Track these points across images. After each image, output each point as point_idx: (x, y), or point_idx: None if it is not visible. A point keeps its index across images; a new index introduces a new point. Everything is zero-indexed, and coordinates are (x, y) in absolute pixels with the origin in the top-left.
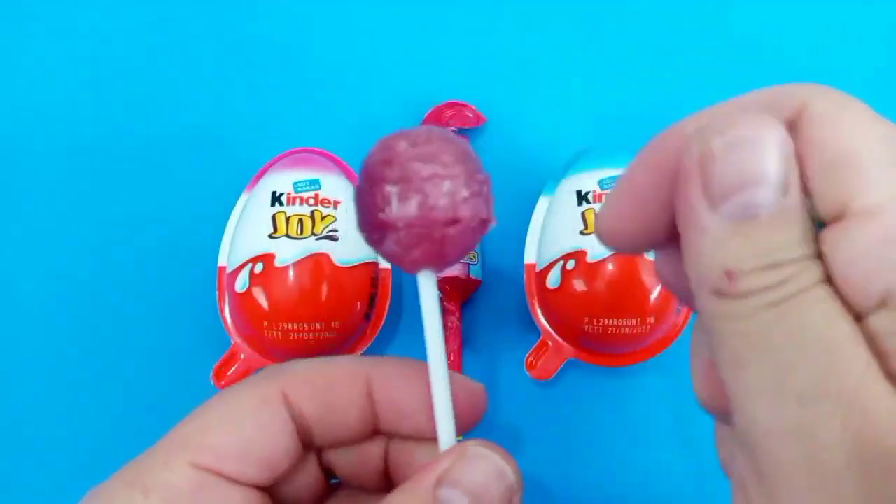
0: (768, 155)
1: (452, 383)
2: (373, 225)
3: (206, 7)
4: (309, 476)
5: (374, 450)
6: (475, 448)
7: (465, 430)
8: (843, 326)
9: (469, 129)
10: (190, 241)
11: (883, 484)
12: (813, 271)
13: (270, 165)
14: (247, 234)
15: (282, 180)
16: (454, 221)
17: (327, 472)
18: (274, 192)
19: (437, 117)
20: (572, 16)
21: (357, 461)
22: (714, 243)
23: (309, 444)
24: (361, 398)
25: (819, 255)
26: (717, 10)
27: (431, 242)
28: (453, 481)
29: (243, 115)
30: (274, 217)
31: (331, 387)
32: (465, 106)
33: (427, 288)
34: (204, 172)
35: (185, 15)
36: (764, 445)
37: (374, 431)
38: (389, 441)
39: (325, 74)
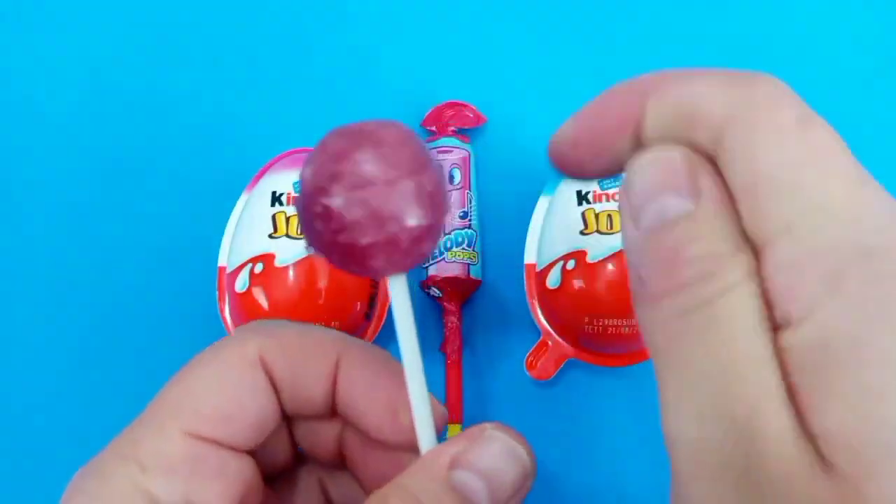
0: (673, 167)
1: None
2: (320, 242)
3: (206, 7)
4: (282, 442)
5: (331, 429)
6: (490, 430)
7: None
8: (751, 344)
9: (469, 129)
10: (190, 241)
11: None
12: (727, 280)
13: (270, 165)
14: (247, 234)
15: (282, 180)
16: (410, 230)
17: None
18: (274, 192)
19: (437, 117)
20: (572, 16)
21: (316, 436)
22: (631, 251)
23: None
24: (327, 377)
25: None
26: (716, 10)
27: (386, 253)
28: (468, 463)
29: (243, 115)
30: (274, 217)
31: (302, 357)
32: (465, 106)
33: (397, 290)
34: (204, 172)
35: (186, 15)
36: (671, 449)
37: (333, 413)
38: (345, 426)
39: (325, 74)
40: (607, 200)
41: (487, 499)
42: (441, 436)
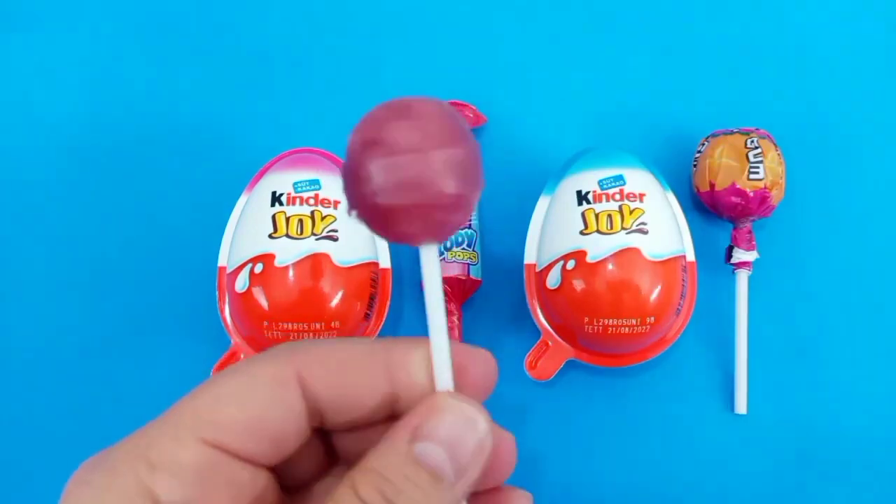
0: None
1: (464, 352)
2: (363, 207)
3: (206, 8)
4: (311, 458)
5: (383, 429)
6: (445, 400)
7: (482, 399)
8: None
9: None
10: (190, 241)
11: None
12: None
13: (270, 165)
14: (247, 234)
15: (282, 180)
16: (440, 197)
17: (333, 452)
18: (274, 193)
19: None
20: (572, 16)
21: (364, 442)
22: None
23: (317, 426)
24: (377, 382)
25: None
26: (716, 10)
27: (419, 219)
28: (427, 434)
29: (243, 115)
30: (274, 217)
31: (345, 370)
32: (465, 106)
33: (428, 258)
34: (204, 172)
35: (186, 16)
36: None
37: (391, 416)
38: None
39: (325, 75)
40: (607, 200)
41: (450, 466)
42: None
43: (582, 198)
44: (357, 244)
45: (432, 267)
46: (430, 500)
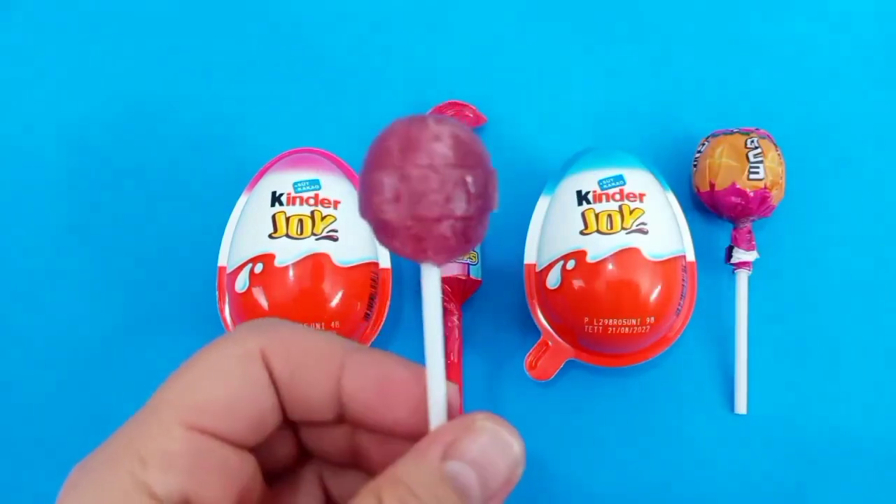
0: None
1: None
2: (371, 215)
3: (205, 8)
4: (286, 443)
5: (337, 432)
6: (482, 421)
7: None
8: None
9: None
10: (190, 241)
11: None
12: None
13: (270, 165)
14: (247, 234)
15: (282, 180)
16: (448, 219)
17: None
18: (274, 193)
19: None
20: (572, 16)
21: (322, 439)
22: None
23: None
24: (330, 380)
25: None
26: (716, 10)
27: (425, 240)
28: (460, 454)
29: (243, 115)
30: (274, 217)
31: (304, 357)
32: (465, 106)
33: (428, 279)
34: (204, 172)
35: (185, 16)
36: None
37: (339, 418)
38: (354, 427)
39: (325, 74)
40: (607, 200)
41: (479, 488)
42: None
43: (582, 198)
44: (357, 244)
45: (431, 286)
46: None
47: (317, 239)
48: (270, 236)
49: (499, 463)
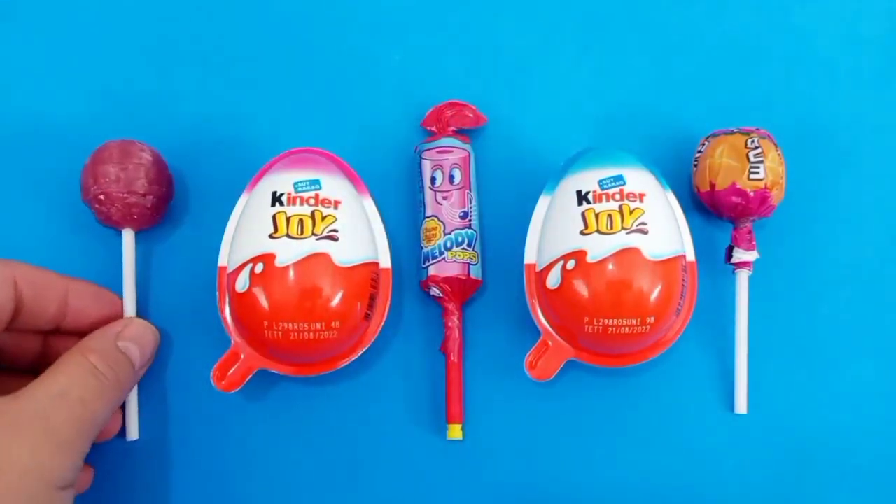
0: None
1: (93, 295)
2: (94, 193)
3: (205, 7)
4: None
5: (34, 340)
6: (135, 319)
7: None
8: None
9: (469, 129)
10: (190, 241)
11: None
12: None
13: (270, 165)
14: (247, 234)
15: (282, 180)
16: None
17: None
18: (274, 193)
19: (437, 117)
20: (572, 16)
21: (20, 346)
22: None
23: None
24: (58, 301)
25: None
26: (716, 10)
27: (132, 206)
28: (126, 335)
29: (243, 115)
30: (274, 217)
31: (43, 286)
32: (465, 106)
33: (126, 240)
34: (204, 172)
35: (186, 15)
36: None
37: (55, 328)
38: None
39: (325, 74)
40: (607, 200)
41: (138, 355)
42: None
43: (582, 198)
44: (357, 244)
45: (128, 247)
46: (130, 377)
47: (317, 239)
48: (271, 236)
49: (148, 338)
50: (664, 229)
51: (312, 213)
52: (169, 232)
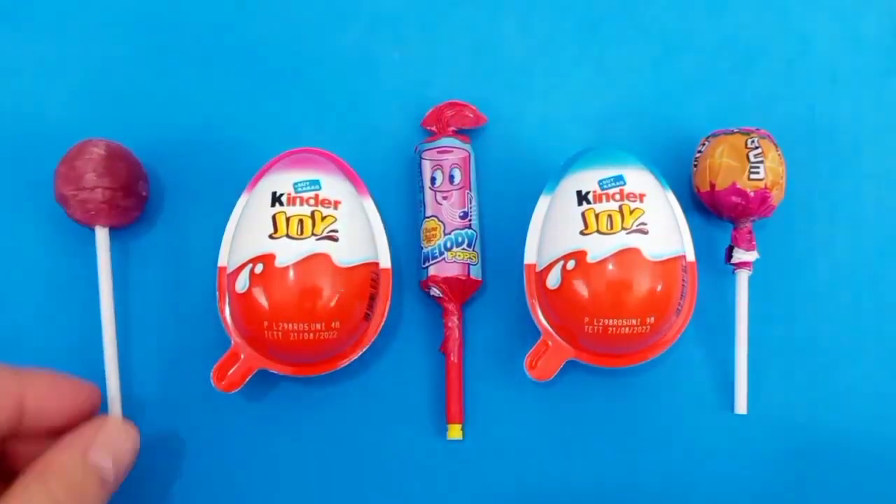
0: None
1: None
2: (73, 188)
3: (205, 7)
4: None
5: None
6: (107, 418)
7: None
8: None
9: (469, 129)
10: (190, 241)
11: None
12: None
13: (270, 166)
14: (247, 234)
15: (282, 180)
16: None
17: None
18: (274, 193)
19: (437, 117)
20: (572, 16)
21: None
22: None
23: None
24: (9, 403)
25: None
26: (716, 10)
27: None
28: (99, 446)
29: (243, 115)
30: (274, 217)
31: None
32: (465, 106)
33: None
34: (204, 172)
35: (185, 15)
36: None
37: (15, 433)
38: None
39: (325, 75)
40: (607, 200)
41: (111, 470)
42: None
43: (582, 198)
44: (357, 244)
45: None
46: (99, 498)
47: (317, 239)
48: (271, 236)
49: (125, 448)
50: (664, 229)
51: (312, 213)
52: (169, 232)
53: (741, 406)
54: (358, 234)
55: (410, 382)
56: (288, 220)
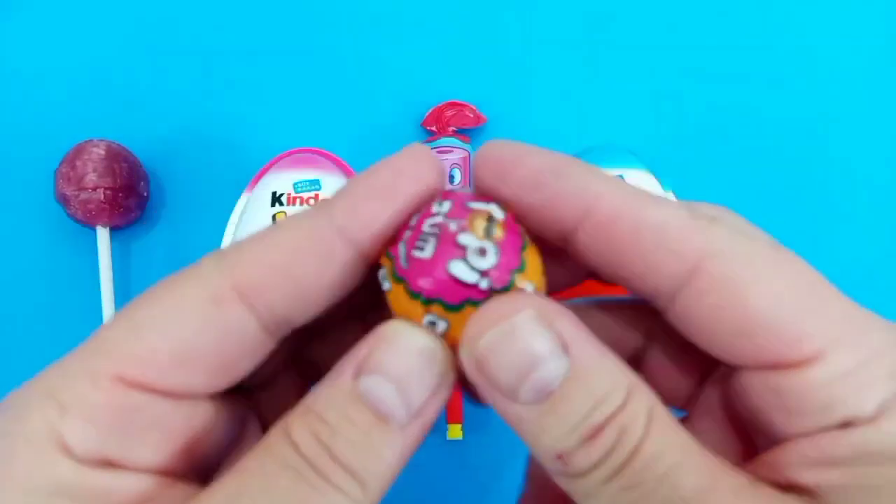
0: (528, 335)
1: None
2: (75, 188)
3: (205, 7)
4: (276, 363)
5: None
6: (395, 325)
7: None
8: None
9: (469, 129)
10: (190, 241)
11: None
12: (640, 421)
13: (270, 165)
14: (247, 234)
15: (282, 180)
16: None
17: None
18: (274, 193)
19: (437, 117)
20: (572, 16)
21: (338, 350)
22: (532, 431)
23: (284, 334)
24: (333, 261)
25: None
26: (716, 10)
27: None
28: (373, 367)
29: (243, 115)
30: (274, 217)
31: (292, 263)
32: (465, 106)
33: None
34: (204, 172)
35: (186, 15)
36: None
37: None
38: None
39: (325, 75)
40: None
41: (400, 405)
42: None
43: None
44: None
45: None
46: (373, 445)
47: None
48: None
49: (421, 373)
50: None
51: None
52: (169, 232)
53: None
54: None
55: None
56: None
